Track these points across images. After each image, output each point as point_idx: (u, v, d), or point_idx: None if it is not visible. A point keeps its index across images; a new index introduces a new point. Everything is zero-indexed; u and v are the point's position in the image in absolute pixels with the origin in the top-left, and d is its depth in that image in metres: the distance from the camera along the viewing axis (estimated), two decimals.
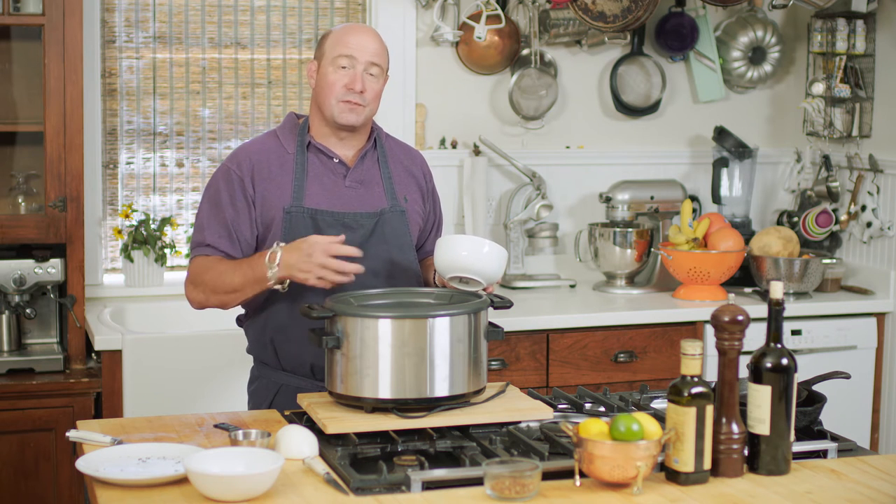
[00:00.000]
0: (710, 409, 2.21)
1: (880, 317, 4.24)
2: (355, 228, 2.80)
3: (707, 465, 2.23)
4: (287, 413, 2.64)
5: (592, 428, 2.20)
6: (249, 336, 2.91)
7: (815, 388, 2.59)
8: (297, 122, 2.90)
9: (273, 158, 2.83)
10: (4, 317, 3.75)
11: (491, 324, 2.57)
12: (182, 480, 2.18)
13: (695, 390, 2.21)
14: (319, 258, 2.58)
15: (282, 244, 2.64)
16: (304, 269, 2.60)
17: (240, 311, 2.92)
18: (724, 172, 4.54)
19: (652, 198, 4.39)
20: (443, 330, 2.44)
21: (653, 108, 4.59)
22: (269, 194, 2.79)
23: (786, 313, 2.35)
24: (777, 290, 2.28)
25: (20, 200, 3.85)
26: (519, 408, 2.52)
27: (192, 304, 2.83)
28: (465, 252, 2.59)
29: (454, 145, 4.42)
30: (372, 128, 2.92)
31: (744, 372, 2.31)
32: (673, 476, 2.23)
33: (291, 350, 2.80)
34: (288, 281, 2.67)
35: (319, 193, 2.81)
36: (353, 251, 2.61)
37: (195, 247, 2.82)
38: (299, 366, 2.81)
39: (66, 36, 3.64)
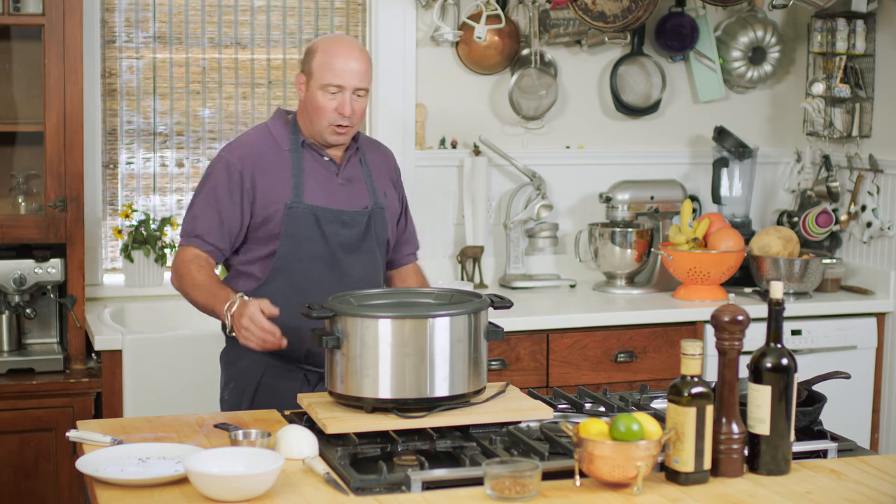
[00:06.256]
0: (710, 409, 2.21)
1: (880, 317, 4.24)
2: (352, 226, 2.90)
3: (707, 465, 2.23)
4: (287, 413, 2.65)
5: (592, 428, 2.20)
6: None
7: (815, 388, 2.59)
8: (288, 119, 2.97)
9: (271, 153, 2.90)
10: (4, 317, 3.75)
11: (491, 324, 2.57)
12: (182, 480, 2.18)
13: (695, 390, 2.21)
14: (245, 321, 2.61)
15: (246, 297, 2.68)
16: (236, 325, 2.65)
17: None
18: (724, 172, 4.54)
19: (652, 198, 4.39)
20: (443, 330, 2.44)
21: (653, 108, 4.59)
22: (269, 189, 2.87)
23: (786, 313, 2.35)
24: (777, 290, 2.28)
25: (20, 200, 3.85)
26: (519, 408, 2.52)
27: (174, 287, 2.92)
28: None
29: (454, 145, 4.42)
30: None
31: (744, 372, 2.31)
32: (673, 476, 2.23)
33: (285, 336, 2.75)
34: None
35: (317, 190, 2.89)
36: (271, 312, 2.63)
37: (186, 235, 2.90)
38: (290, 351, 2.81)
39: (66, 36, 3.64)
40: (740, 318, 2.26)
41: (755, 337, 2.61)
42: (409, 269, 3.15)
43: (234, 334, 2.68)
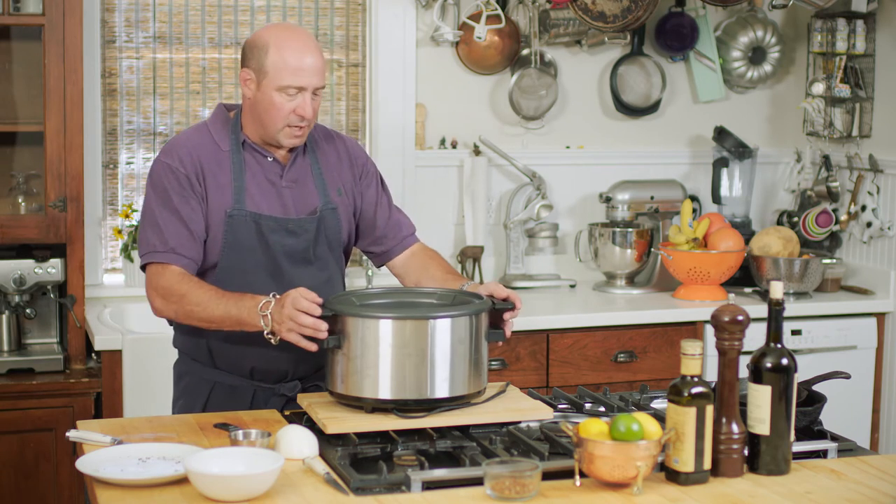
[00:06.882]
0: (710, 409, 2.21)
1: (880, 317, 4.24)
2: (299, 234, 2.71)
3: (707, 465, 2.23)
4: (287, 413, 2.65)
5: (592, 428, 2.20)
6: (180, 332, 2.80)
7: (815, 388, 2.59)
8: (229, 117, 2.75)
9: (211, 155, 2.69)
10: (4, 317, 3.75)
11: (492, 324, 2.57)
12: (182, 480, 2.18)
13: (695, 390, 2.21)
14: (289, 310, 2.44)
15: (277, 296, 2.50)
16: (277, 319, 2.47)
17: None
18: (724, 172, 4.54)
19: (652, 198, 4.39)
20: (444, 331, 2.44)
21: (653, 108, 4.59)
22: (211, 193, 2.67)
23: (786, 313, 2.35)
24: (777, 290, 2.28)
25: (20, 200, 3.85)
26: (519, 408, 2.52)
27: (156, 314, 2.69)
28: None
29: (454, 145, 4.42)
30: None
31: (744, 372, 2.31)
32: (673, 476, 2.23)
33: (229, 353, 2.72)
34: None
35: (259, 195, 2.69)
36: (316, 299, 2.46)
37: (156, 251, 2.63)
38: (236, 367, 2.74)
39: (66, 36, 3.64)
40: (740, 318, 2.26)
41: (755, 337, 2.61)
42: (418, 252, 2.89)
43: (270, 336, 2.49)
